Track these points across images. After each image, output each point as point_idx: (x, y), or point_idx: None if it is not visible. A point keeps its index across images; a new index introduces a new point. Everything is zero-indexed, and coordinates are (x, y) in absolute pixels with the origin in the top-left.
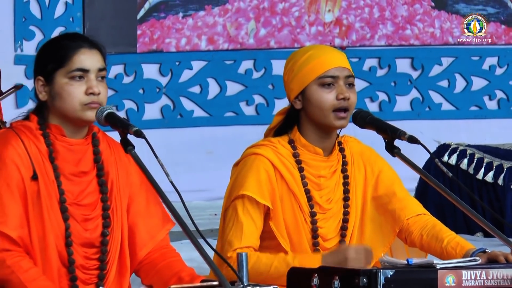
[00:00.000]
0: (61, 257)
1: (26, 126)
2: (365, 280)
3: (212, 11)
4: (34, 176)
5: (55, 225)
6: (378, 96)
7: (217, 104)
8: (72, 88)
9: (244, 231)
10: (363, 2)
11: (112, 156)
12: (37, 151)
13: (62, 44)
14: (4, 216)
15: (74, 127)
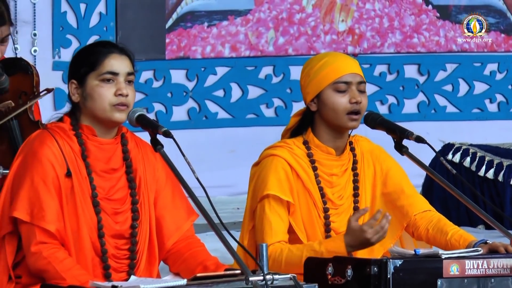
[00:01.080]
0: (94, 248)
1: (60, 127)
2: (376, 269)
3: (234, 21)
4: (68, 173)
5: (88, 219)
6: (388, 99)
7: (239, 106)
8: (102, 90)
9: (273, 228)
10: (374, 12)
11: (139, 154)
12: (71, 150)
13: (94, 50)
14: (42, 211)
15: (104, 128)
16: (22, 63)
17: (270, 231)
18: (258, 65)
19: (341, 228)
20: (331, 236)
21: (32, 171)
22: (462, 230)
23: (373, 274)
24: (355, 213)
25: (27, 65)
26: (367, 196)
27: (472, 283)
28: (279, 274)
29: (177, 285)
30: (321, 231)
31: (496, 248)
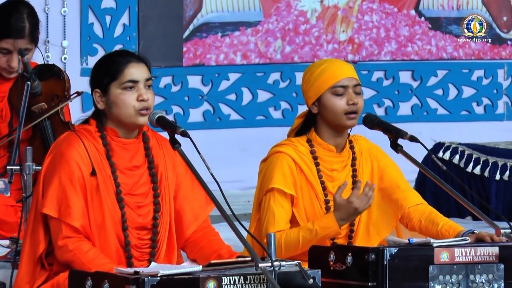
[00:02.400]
0: (119, 239)
1: (87, 129)
2: (373, 256)
3: (245, 32)
4: (93, 172)
5: (113, 213)
6: (384, 102)
7: (250, 109)
8: (125, 97)
9: (276, 218)
10: (372, 24)
11: (160, 151)
12: (96, 150)
13: (114, 60)
14: (68, 208)
15: (127, 130)
16: (55, 69)
17: (273, 220)
18: (267, 72)
19: None
20: None
21: (60, 171)
22: (451, 221)
23: (371, 260)
24: (337, 190)
25: (59, 71)
26: None
27: (461, 269)
28: (286, 260)
29: (194, 270)
30: None
31: (483, 238)
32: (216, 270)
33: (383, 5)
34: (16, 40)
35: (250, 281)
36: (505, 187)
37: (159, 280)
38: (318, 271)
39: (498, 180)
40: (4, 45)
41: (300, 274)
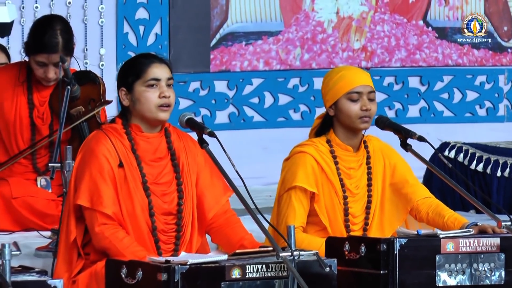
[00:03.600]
0: (147, 225)
1: (113, 127)
2: (385, 246)
3: (267, 40)
4: (120, 164)
5: (141, 201)
6: (395, 105)
7: (272, 111)
8: (148, 94)
9: (296, 214)
10: (383, 33)
11: (181, 144)
12: (122, 145)
13: (138, 61)
14: (100, 198)
15: (150, 125)
16: (91, 75)
17: (293, 216)
18: (287, 77)
19: (357, 213)
20: (349, 219)
21: (90, 166)
22: (456, 214)
23: (383, 250)
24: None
25: (95, 76)
26: (379, 186)
27: (465, 258)
28: (304, 250)
29: (220, 259)
30: (340, 215)
31: (485, 229)
32: (240, 259)
33: (394, 16)
34: (50, 55)
35: (272, 269)
36: (505, 183)
37: (188, 269)
38: (334, 260)
39: (499, 176)
40: (39, 59)
41: (318, 262)
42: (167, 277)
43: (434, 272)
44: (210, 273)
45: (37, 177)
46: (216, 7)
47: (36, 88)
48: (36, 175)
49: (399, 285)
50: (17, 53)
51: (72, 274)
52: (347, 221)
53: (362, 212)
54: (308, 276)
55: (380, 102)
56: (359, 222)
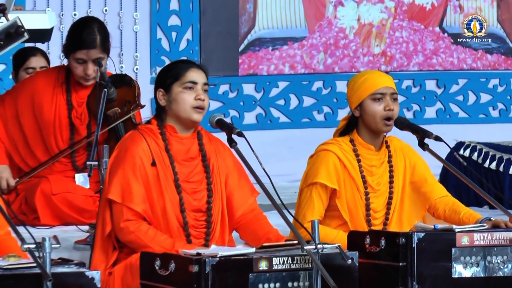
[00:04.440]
0: (178, 221)
1: (148, 128)
2: (404, 240)
3: (293, 46)
4: (153, 163)
5: (172, 198)
6: (412, 107)
7: (297, 112)
8: (185, 95)
9: (314, 208)
10: (402, 39)
11: (212, 146)
12: (156, 145)
13: (178, 65)
14: (130, 195)
15: (184, 126)
16: (127, 78)
17: (312, 210)
18: (311, 80)
19: (378, 208)
20: (370, 214)
21: (124, 163)
22: (471, 210)
23: (401, 244)
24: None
25: (130, 79)
26: (399, 183)
27: (479, 251)
28: (328, 244)
29: (248, 252)
30: (362, 211)
31: (498, 224)
32: (267, 251)
33: (412, 23)
34: (89, 50)
35: (297, 261)
36: None
37: (218, 261)
38: (356, 253)
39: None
40: (79, 56)
41: (340, 255)
42: (198, 269)
43: (450, 264)
44: (238, 265)
45: (76, 174)
46: (244, 14)
47: (74, 90)
48: (75, 172)
49: (417, 277)
50: (56, 58)
51: (108, 265)
52: (369, 215)
53: (383, 207)
54: (331, 267)
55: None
56: (380, 217)
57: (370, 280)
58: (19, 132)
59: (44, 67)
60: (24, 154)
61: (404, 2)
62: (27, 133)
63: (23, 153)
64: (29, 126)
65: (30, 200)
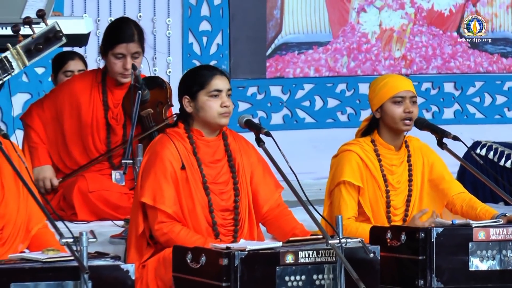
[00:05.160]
0: (207, 220)
1: (176, 132)
2: (423, 235)
3: (318, 50)
4: (183, 166)
5: (201, 199)
6: (431, 108)
7: (321, 113)
8: (211, 103)
9: (347, 205)
10: (421, 43)
11: (236, 146)
12: (184, 148)
13: (202, 73)
14: (162, 197)
15: (211, 130)
16: (159, 80)
17: (346, 208)
18: (335, 83)
19: (398, 205)
20: (390, 211)
21: (155, 167)
22: (487, 206)
23: (421, 238)
24: (418, 212)
25: (162, 81)
26: (418, 181)
27: (495, 245)
28: (351, 238)
29: (275, 246)
30: (383, 207)
31: None
32: (293, 246)
33: (431, 28)
34: (128, 44)
35: (322, 255)
36: None
37: (246, 254)
38: (378, 247)
39: None
40: (119, 50)
41: (363, 249)
42: (228, 262)
43: (467, 258)
44: (266, 258)
45: (112, 172)
46: (272, 20)
47: (110, 92)
48: (111, 170)
49: (436, 270)
50: (93, 61)
51: (142, 259)
52: (389, 212)
53: (403, 204)
54: (354, 261)
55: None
56: (399, 214)
57: (391, 272)
58: (58, 134)
59: (82, 70)
60: (63, 154)
61: (424, 8)
62: (67, 134)
63: (61, 153)
64: (68, 127)
65: (68, 197)
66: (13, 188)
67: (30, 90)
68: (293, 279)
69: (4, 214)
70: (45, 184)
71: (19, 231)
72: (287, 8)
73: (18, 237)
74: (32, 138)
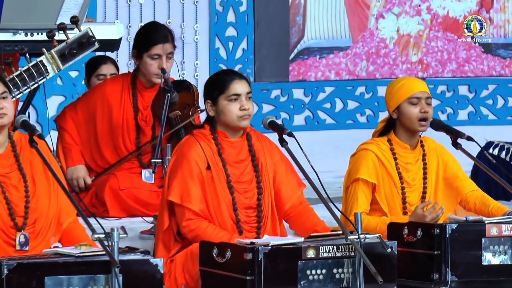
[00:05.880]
0: (231, 218)
1: (202, 133)
2: (438, 230)
3: (338, 54)
4: (208, 167)
5: (226, 198)
6: (446, 110)
7: (342, 115)
8: (230, 107)
9: (359, 201)
10: (437, 48)
11: (260, 145)
12: (210, 149)
13: (221, 78)
14: (188, 196)
15: (234, 132)
16: (186, 84)
17: (356, 204)
18: (355, 86)
19: (413, 201)
20: (406, 207)
21: (182, 168)
22: (499, 203)
23: (436, 234)
24: (422, 202)
25: (189, 84)
26: (433, 179)
27: (507, 241)
28: (370, 234)
29: (297, 241)
30: (399, 204)
31: None
32: (314, 241)
33: (446, 34)
34: (164, 44)
35: (341, 250)
36: None
37: (270, 249)
38: (395, 242)
39: None
40: (155, 51)
41: (381, 244)
42: (252, 256)
43: (480, 252)
44: (288, 253)
45: (142, 170)
46: (294, 26)
47: (140, 95)
48: (141, 169)
49: (450, 264)
50: (124, 65)
51: (170, 254)
52: (405, 208)
53: (418, 201)
54: (372, 255)
55: (434, 107)
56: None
57: (408, 267)
58: (90, 135)
59: (114, 74)
60: (95, 154)
61: (439, 15)
62: (98, 135)
63: (93, 153)
64: (100, 129)
65: (100, 195)
66: (44, 184)
67: (64, 93)
68: (314, 272)
69: (36, 208)
70: (79, 183)
71: (50, 224)
72: (309, 14)
73: (50, 230)
74: (66, 139)
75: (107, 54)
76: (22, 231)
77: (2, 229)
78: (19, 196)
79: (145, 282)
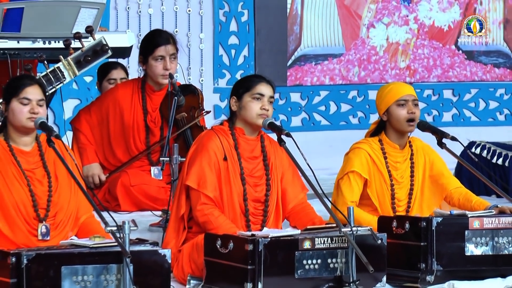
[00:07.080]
0: (241, 208)
1: (221, 128)
2: (424, 223)
3: (332, 61)
4: (225, 158)
5: (238, 189)
6: (432, 112)
7: (335, 117)
8: (253, 105)
9: (353, 191)
10: (423, 55)
11: (272, 148)
12: (227, 143)
13: (251, 79)
14: (205, 182)
15: (251, 129)
16: (191, 88)
17: (351, 192)
18: (347, 90)
19: (401, 197)
20: (395, 202)
21: (201, 156)
22: (481, 199)
23: (423, 227)
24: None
25: (194, 88)
26: (419, 177)
27: (488, 233)
28: (361, 226)
29: (294, 233)
30: (388, 199)
31: (504, 210)
32: (310, 233)
33: (432, 42)
34: (166, 46)
35: (335, 241)
36: None
37: (269, 241)
38: (384, 234)
39: None
40: (159, 53)
41: (371, 236)
42: (253, 247)
43: (464, 244)
44: (286, 244)
45: (151, 168)
46: (292, 35)
47: (149, 98)
48: (150, 166)
49: (436, 254)
50: (135, 71)
51: (178, 243)
52: (394, 203)
53: (406, 197)
54: (364, 247)
55: (421, 109)
56: (403, 205)
57: (396, 257)
58: (103, 135)
59: (124, 79)
60: (107, 153)
61: (426, 24)
62: (111, 136)
63: (106, 153)
64: (112, 130)
65: (112, 191)
66: (65, 180)
67: (80, 96)
68: (310, 262)
69: (58, 202)
70: (94, 180)
71: (69, 218)
72: (305, 24)
73: (68, 224)
74: (81, 140)
75: (119, 60)
76: (44, 222)
77: (26, 219)
78: (42, 190)
79: (154, 271)
